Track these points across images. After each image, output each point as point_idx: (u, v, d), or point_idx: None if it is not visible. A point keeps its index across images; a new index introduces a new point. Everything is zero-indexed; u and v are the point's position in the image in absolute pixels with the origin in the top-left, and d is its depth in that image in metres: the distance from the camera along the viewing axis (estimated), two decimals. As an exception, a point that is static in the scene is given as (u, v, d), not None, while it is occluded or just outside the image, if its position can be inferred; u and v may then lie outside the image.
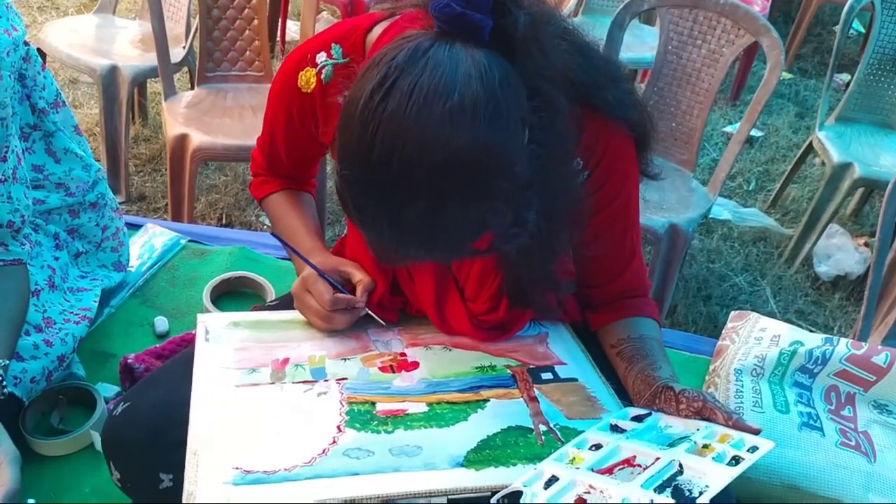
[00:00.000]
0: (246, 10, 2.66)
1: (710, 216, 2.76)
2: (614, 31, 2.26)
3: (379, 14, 1.13)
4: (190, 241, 1.64)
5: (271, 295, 1.47)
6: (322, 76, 1.13)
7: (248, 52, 2.73)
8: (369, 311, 1.16)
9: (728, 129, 3.71)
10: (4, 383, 1.10)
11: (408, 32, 0.88)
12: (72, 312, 1.30)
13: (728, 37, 2.19)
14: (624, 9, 2.24)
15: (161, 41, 2.55)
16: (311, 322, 1.16)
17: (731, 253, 2.92)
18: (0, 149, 1.15)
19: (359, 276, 1.16)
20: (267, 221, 2.83)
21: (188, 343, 1.35)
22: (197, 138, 2.39)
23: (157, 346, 1.34)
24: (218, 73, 2.70)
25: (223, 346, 1.12)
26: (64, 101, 1.37)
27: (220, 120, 2.54)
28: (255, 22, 2.67)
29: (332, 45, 1.13)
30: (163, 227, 1.64)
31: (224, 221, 2.82)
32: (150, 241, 1.58)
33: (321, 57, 1.13)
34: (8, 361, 1.12)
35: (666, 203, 2.25)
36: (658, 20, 2.37)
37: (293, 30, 3.92)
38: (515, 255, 1.01)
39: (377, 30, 1.11)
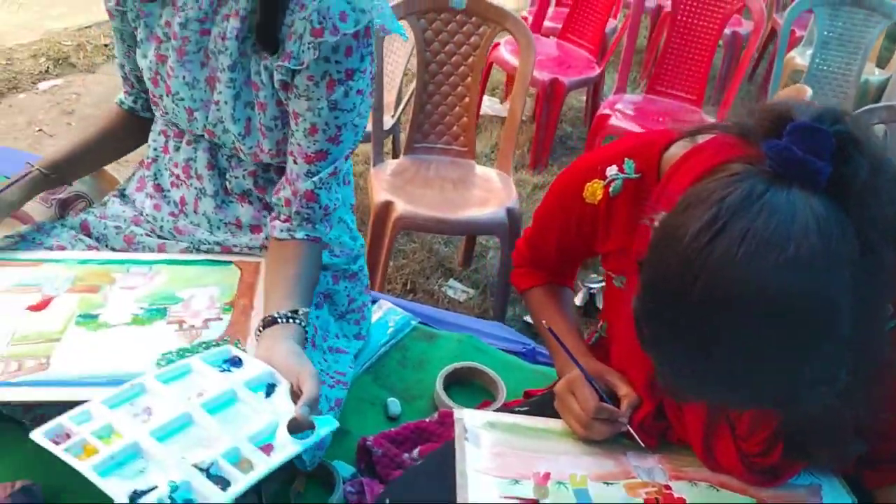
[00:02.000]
0: (459, 88, 2.73)
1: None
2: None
3: (674, 132, 1.10)
4: (420, 322, 1.65)
5: (502, 392, 1.45)
6: (610, 189, 1.11)
7: (455, 128, 2.79)
8: (630, 429, 1.12)
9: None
10: (306, 327, 1.17)
11: (733, 167, 0.83)
12: (328, 374, 1.32)
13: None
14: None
15: (377, 110, 2.66)
16: (569, 425, 1.13)
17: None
18: (347, 151, 1.30)
19: (624, 390, 1.12)
20: (450, 293, 2.86)
21: (423, 431, 1.35)
22: (400, 206, 2.45)
23: (393, 430, 1.34)
24: (424, 145, 2.77)
25: (482, 447, 1.10)
26: (350, 180, 1.46)
27: (421, 190, 2.59)
28: (467, 99, 2.73)
29: (625, 159, 1.11)
30: (393, 303, 1.66)
31: (408, 287, 2.85)
32: (384, 318, 1.61)
33: (612, 170, 1.12)
34: (308, 309, 1.20)
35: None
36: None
37: (487, 104, 3.99)
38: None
39: (675, 149, 1.08)
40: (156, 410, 1.00)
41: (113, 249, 1.43)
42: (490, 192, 2.66)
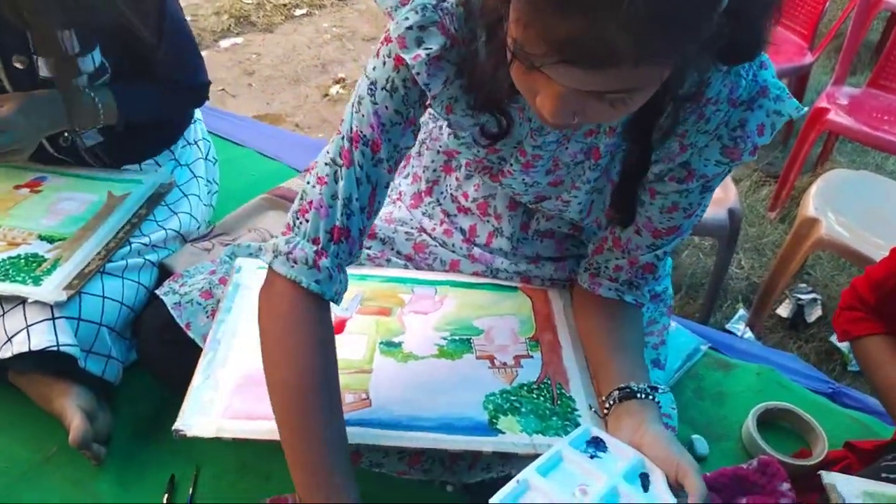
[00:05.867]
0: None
1: None
2: None
3: None
4: (710, 348, 1.50)
5: (823, 442, 1.28)
6: None
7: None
8: None
9: None
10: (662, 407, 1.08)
11: None
12: None
13: None
14: None
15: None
16: None
17: None
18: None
19: None
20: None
21: (743, 480, 1.19)
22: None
23: (709, 475, 1.19)
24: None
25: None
26: None
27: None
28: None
29: None
30: (679, 324, 1.51)
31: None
32: (672, 340, 1.45)
33: None
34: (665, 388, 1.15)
35: None
36: None
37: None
38: None
39: None
40: None
41: (399, 254, 1.34)
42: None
